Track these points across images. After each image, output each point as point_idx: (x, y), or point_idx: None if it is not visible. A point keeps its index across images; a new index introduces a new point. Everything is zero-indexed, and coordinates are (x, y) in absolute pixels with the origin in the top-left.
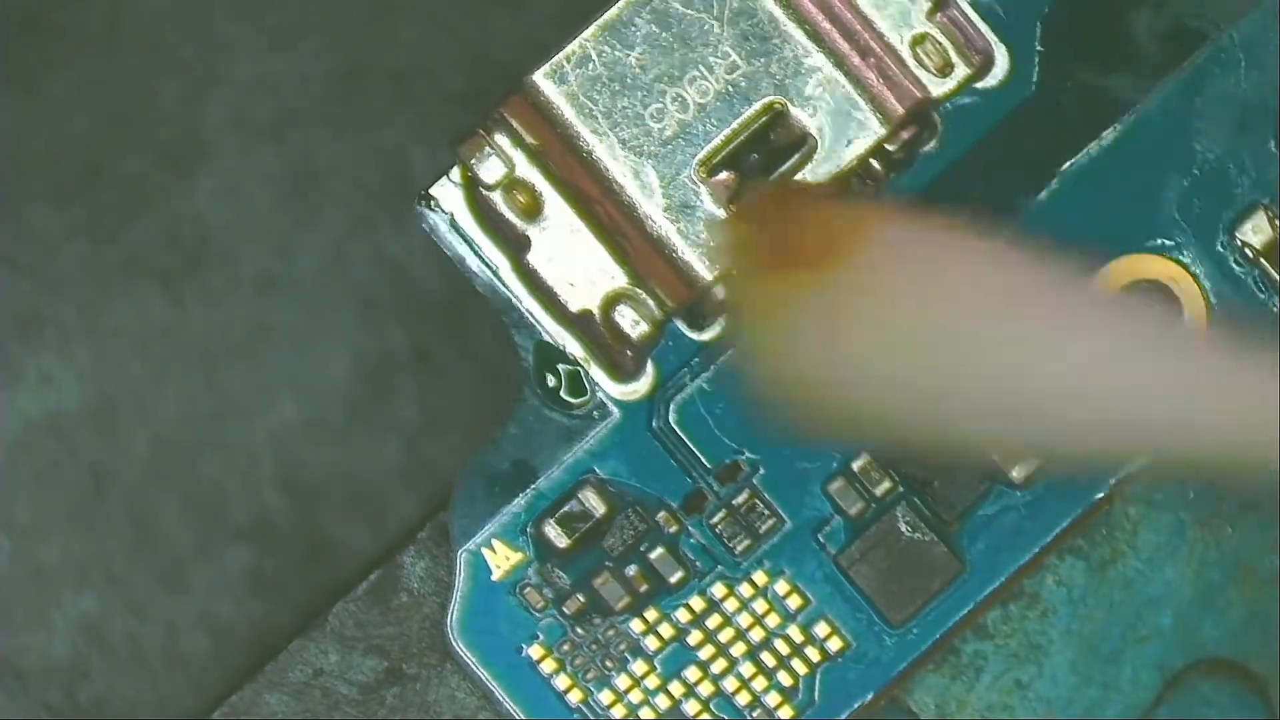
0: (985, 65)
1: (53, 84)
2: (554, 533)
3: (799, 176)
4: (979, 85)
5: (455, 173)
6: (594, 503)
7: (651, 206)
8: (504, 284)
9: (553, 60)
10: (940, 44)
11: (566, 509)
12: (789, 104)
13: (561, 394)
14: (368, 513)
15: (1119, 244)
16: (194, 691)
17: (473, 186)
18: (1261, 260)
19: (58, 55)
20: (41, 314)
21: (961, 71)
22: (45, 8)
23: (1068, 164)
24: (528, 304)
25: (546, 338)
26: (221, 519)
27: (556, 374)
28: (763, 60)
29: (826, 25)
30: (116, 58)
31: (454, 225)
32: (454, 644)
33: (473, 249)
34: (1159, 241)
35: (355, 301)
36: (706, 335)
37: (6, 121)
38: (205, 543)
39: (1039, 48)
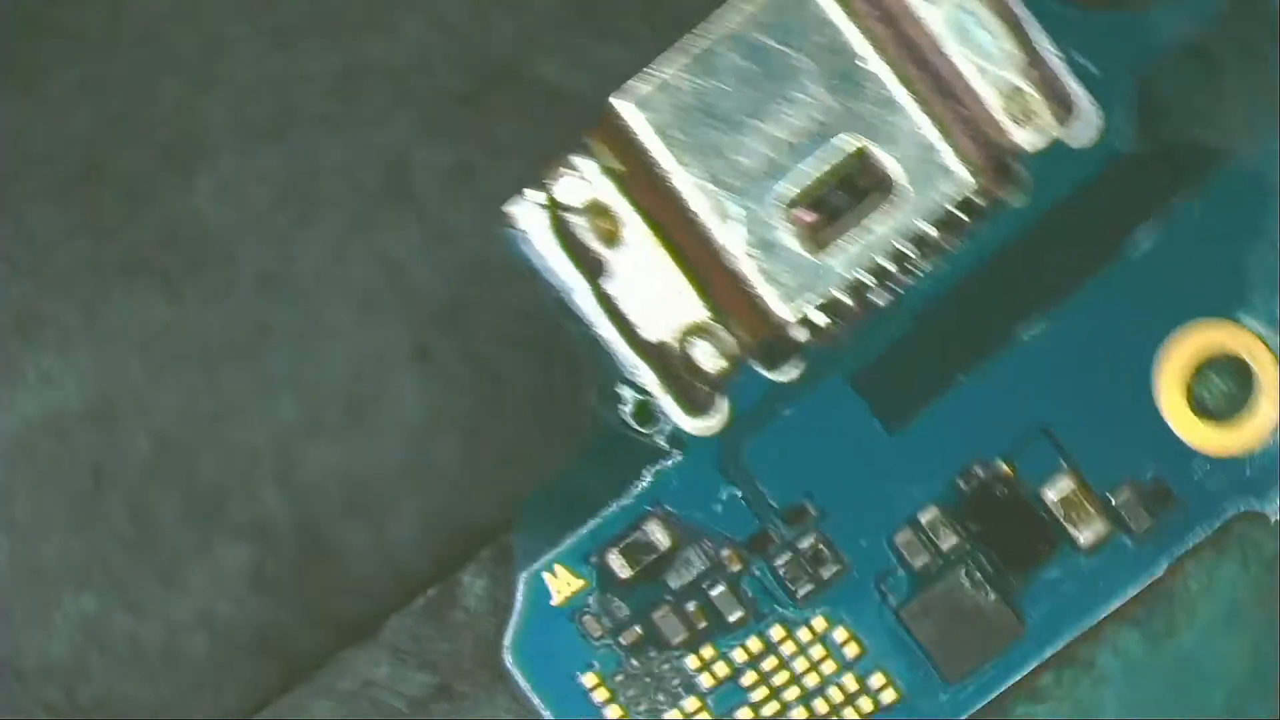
0: (1075, 122)
1: (52, 83)
2: (617, 562)
3: (880, 220)
4: (1067, 142)
5: (538, 192)
6: (659, 535)
7: (733, 241)
8: (579, 308)
9: (641, 87)
10: (1031, 98)
11: (631, 539)
12: (874, 146)
13: (631, 422)
14: (367, 513)
15: (1196, 309)
16: (193, 691)
17: (555, 209)
18: None
19: (58, 54)
20: (41, 314)
21: (1051, 127)
22: (45, 5)
23: (1151, 224)
24: (603, 329)
25: (620, 365)
26: (221, 519)
27: (628, 401)
28: (851, 100)
29: (916, 71)
30: (116, 56)
31: (532, 245)
32: (508, 664)
33: (550, 270)
34: (1237, 310)
35: (355, 301)
36: (782, 376)
37: (6, 120)
38: (205, 542)
39: (1131, 108)
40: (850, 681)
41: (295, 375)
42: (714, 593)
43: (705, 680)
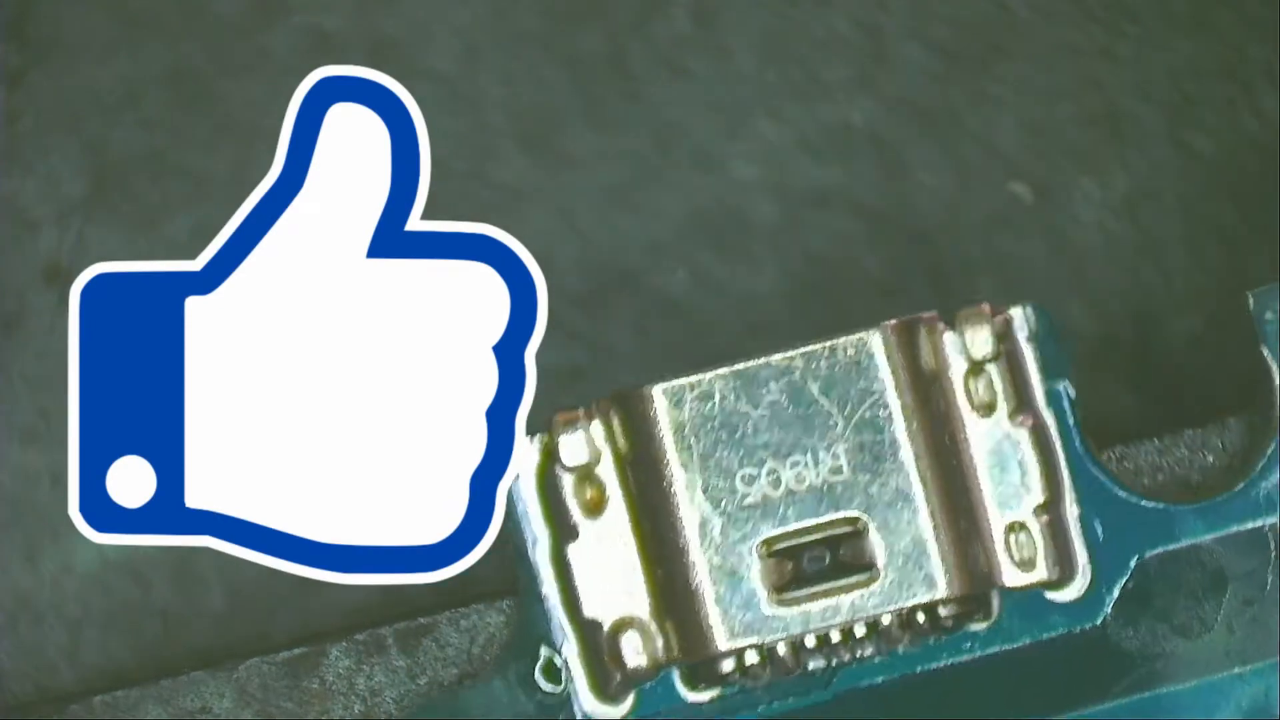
0: (1064, 578)
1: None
2: None
3: (848, 596)
4: (1050, 595)
5: (540, 439)
6: None
7: (702, 558)
8: (535, 560)
9: (678, 382)
10: (1033, 539)
11: None
12: (871, 526)
13: (539, 678)
14: None
15: None
16: None
17: (550, 458)
18: None
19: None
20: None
21: (1040, 574)
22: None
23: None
24: (547, 586)
25: (550, 624)
26: None
27: (542, 658)
28: (868, 476)
29: (939, 475)
30: None
31: (519, 485)
32: None
33: (525, 515)
34: None
35: None
36: (695, 697)
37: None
38: None
39: (1116, 589)
40: None
41: None
42: None
43: None
